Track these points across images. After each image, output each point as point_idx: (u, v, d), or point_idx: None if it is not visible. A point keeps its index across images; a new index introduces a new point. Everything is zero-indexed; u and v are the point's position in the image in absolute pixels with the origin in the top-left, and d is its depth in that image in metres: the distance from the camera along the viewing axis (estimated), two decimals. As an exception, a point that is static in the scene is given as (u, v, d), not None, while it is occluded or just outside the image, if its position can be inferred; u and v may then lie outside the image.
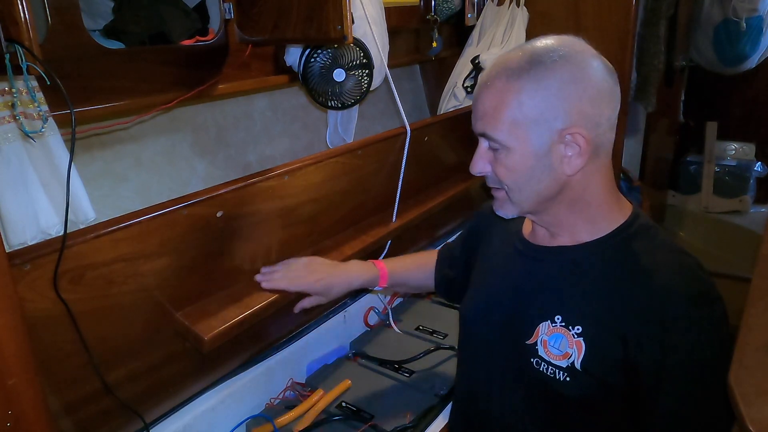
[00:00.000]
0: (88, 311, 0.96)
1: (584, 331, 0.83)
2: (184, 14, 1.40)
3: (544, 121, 0.80)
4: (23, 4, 0.84)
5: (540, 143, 0.81)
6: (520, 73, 0.80)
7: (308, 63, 1.49)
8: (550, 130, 0.80)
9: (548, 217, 0.90)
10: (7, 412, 0.67)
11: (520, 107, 0.80)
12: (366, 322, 1.74)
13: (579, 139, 0.80)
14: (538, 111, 0.79)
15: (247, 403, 1.38)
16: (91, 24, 1.30)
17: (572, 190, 0.85)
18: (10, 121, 0.93)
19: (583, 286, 0.86)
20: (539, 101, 0.79)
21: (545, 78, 0.79)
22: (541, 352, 0.87)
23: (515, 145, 0.81)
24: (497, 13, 2.16)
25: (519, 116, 0.80)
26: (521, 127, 0.80)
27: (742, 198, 3.24)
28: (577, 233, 0.89)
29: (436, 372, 1.48)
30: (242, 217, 1.22)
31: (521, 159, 0.82)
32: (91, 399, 1.03)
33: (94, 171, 1.37)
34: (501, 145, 0.83)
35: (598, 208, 0.87)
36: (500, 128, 0.81)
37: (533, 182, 0.84)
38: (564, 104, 0.79)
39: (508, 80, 0.80)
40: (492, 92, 0.82)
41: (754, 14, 2.82)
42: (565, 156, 0.82)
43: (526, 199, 0.86)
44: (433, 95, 2.43)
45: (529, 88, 0.79)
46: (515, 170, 0.83)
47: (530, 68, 0.79)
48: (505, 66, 0.82)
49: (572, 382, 0.83)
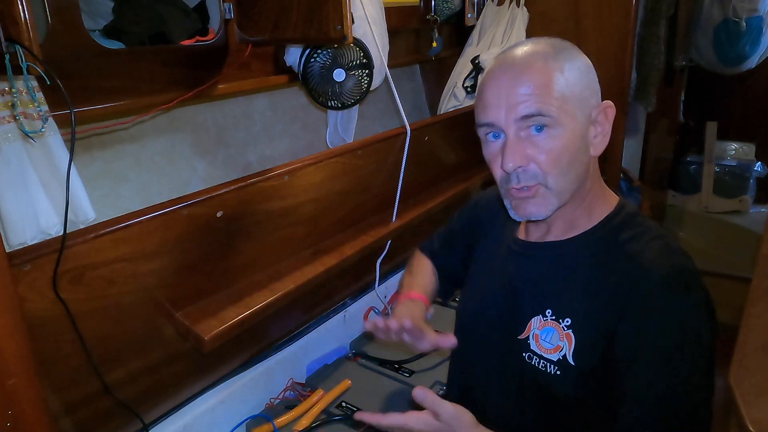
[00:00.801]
0: (87, 311, 0.96)
1: (573, 323, 0.84)
2: (184, 14, 1.40)
3: (585, 97, 0.83)
4: (23, 4, 0.84)
5: (583, 120, 0.83)
6: (555, 54, 0.82)
7: (308, 63, 1.49)
8: (589, 106, 0.83)
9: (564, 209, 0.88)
10: (7, 412, 0.67)
11: (566, 82, 0.81)
12: (366, 322, 1.74)
13: (610, 113, 0.84)
14: (579, 87, 0.82)
15: (247, 403, 1.38)
16: (91, 24, 1.30)
17: (589, 179, 0.88)
18: (10, 121, 0.93)
19: (571, 279, 0.87)
20: (579, 78, 0.82)
21: (575, 58, 0.83)
22: (533, 347, 0.88)
23: (566, 122, 0.81)
24: (497, 13, 2.16)
25: (567, 91, 0.81)
26: (569, 102, 0.81)
27: (742, 198, 3.24)
28: (572, 226, 0.90)
29: (436, 372, 1.48)
30: (242, 217, 1.22)
31: (571, 137, 0.81)
32: (90, 399, 1.03)
33: (94, 171, 1.37)
34: (554, 122, 0.80)
35: (591, 197, 0.89)
36: (553, 104, 0.80)
37: (576, 164, 0.83)
38: (593, 83, 0.84)
39: (547, 60, 0.81)
40: (534, 71, 0.80)
41: (754, 14, 2.82)
42: (596, 135, 0.85)
43: (568, 186, 0.84)
44: (433, 95, 2.42)
45: (568, 66, 0.82)
46: (565, 150, 0.81)
47: (559, 51, 0.83)
48: (535, 51, 0.83)
49: (563, 375, 0.84)
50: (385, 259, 1.73)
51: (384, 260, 1.73)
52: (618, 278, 0.82)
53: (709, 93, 3.28)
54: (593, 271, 0.85)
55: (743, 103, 3.25)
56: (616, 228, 0.87)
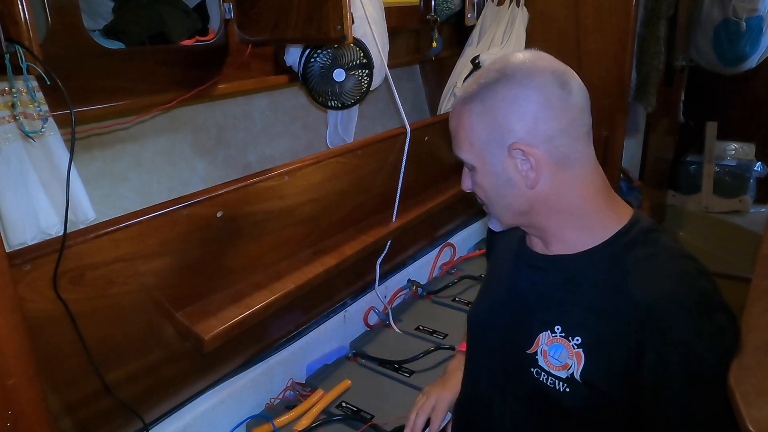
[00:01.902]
0: (87, 311, 0.96)
1: (583, 342, 0.82)
2: (184, 14, 1.40)
3: (493, 139, 0.83)
4: (23, 4, 0.84)
5: (495, 161, 0.85)
6: (471, 96, 0.85)
7: (308, 63, 1.49)
8: (500, 147, 0.83)
9: (534, 228, 0.91)
10: (7, 412, 0.67)
11: (471, 129, 0.85)
12: (366, 322, 1.74)
13: (527, 154, 0.82)
14: (486, 131, 0.84)
15: (247, 403, 1.38)
16: (91, 24, 1.30)
17: (545, 203, 0.86)
18: (10, 121, 0.93)
19: (581, 297, 0.85)
20: (486, 121, 0.83)
21: (488, 99, 0.83)
22: (541, 362, 0.86)
23: (477, 165, 0.87)
24: (497, 13, 2.16)
25: (472, 137, 0.85)
26: (476, 147, 0.85)
27: (742, 198, 3.23)
28: (570, 242, 0.88)
29: (436, 372, 1.48)
30: (242, 217, 1.22)
31: (484, 177, 0.87)
32: (90, 399, 1.03)
33: (94, 171, 1.37)
34: (469, 163, 0.88)
35: (585, 217, 0.86)
36: (463, 149, 0.87)
37: (501, 198, 0.88)
38: (508, 122, 0.82)
39: (462, 104, 0.86)
40: (453, 116, 0.88)
41: (754, 14, 2.81)
42: (522, 170, 0.84)
43: (501, 214, 0.91)
44: (433, 95, 2.43)
45: (477, 110, 0.84)
46: (484, 188, 0.89)
47: (479, 91, 0.84)
48: (464, 90, 0.87)
49: (572, 393, 0.82)
50: (385, 259, 1.73)
51: (384, 260, 1.73)
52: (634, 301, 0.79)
53: (709, 93, 3.27)
54: (604, 290, 0.83)
55: (743, 103, 3.24)
56: (628, 245, 0.84)
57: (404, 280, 1.92)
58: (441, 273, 2.05)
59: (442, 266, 2.08)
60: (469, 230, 2.27)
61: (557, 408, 0.85)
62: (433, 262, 2.06)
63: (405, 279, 1.92)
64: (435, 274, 2.06)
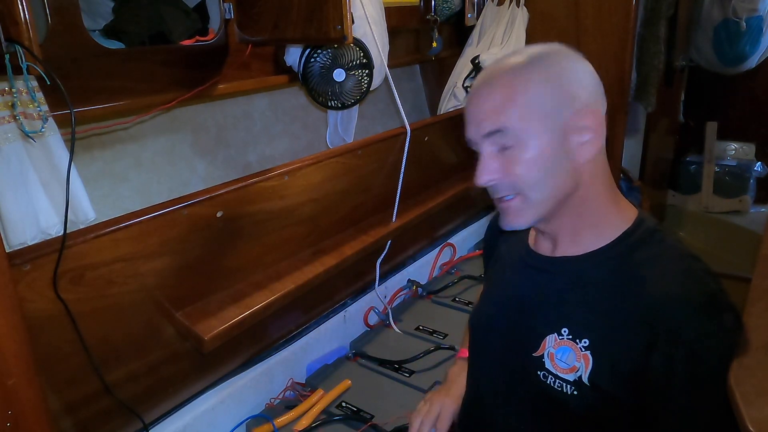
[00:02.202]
0: (87, 311, 0.96)
1: (591, 344, 0.81)
2: (184, 14, 1.40)
3: (553, 110, 0.80)
4: (23, 4, 0.84)
5: (555, 131, 0.81)
6: (523, 67, 0.82)
7: (308, 63, 1.49)
8: (560, 117, 0.81)
9: (556, 222, 0.88)
10: (7, 412, 0.67)
11: (529, 99, 0.80)
12: (366, 322, 1.74)
13: (590, 119, 0.81)
14: (546, 101, 0.80)
15: (247, 403, 1.38)
16: (91, 24, 1.30)
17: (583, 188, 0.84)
18: (10, 121, 0.93)
19: (588, 299, 0.84)
20: (546, 91, 0.80)
21: (554, 65, 0.82)
22: (548, 365, 0.85)
23: (528, 138, 0.80)
24: (497, 13, 2.16)
25: (531, 105, 0.80)
26: (532, 119, 0.80)
27: (742, 198, 3.23)
28: (580, 241, 0.87)
29: (436, 372, 1.48)
30: (242, 217, 1.22)
31: (538, 152, 0.81)
32: (90, 399, 1.03)
33: (94, 171, 1.37)
34: (517, 139, 0.81)
35: (602, 213, 0.86)
36: (513, 120, 0.80)
37: (551, 176, 0.82)
38: (575, 88, 0.81)
39: (514, 75, 0.81)
40: (498, 88, 0.82)
41: (754, 14, 2.81)
42: (582, 142, 0.82)
43: (544, 199, 0.84)
44: (433, 95, 2.43)
45: (536, 81, 0.80)
46: (535, 164, 0.81)
47: (531, 62, 0.82)
48: (504, 65, 0.83)
49: (579, 395, 0.82)
50: (385, 259, 1.73)
51: (384, 260, 1.73)
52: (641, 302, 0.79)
53: (709, 93, 3.27)
54: (611, 292, 0.82)
55: (743, 103, 3.24)
56: (634, 245, 0.84)
57: (404, 280, 1.91)
58: (441, 273, 2.05)
59: (442, 266, 2.08)
60: (469, 230, 2.27)
61: (564, 411, 0.84)
62: (433, 262, 2.06)
63: (405, 279, 1.92)
64: (435, 274, 2.06)
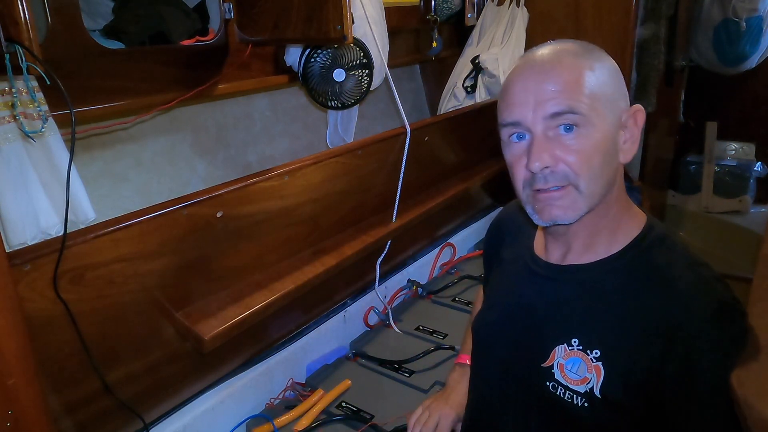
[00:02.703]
0: (87, 311, 0.96)
1: (603, 355, 0.79)
2: (184, 14, 1.40)
3: (615, 99, 0.79)
4: (23, 4, 0.84)
5: (613, 122, 0.79)
6: (584, 53, 0.80)
7: (308, 63, 1.49)
8: (618, 108, 0.80)
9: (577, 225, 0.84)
10: (7, 412, 0.67)
11: (597, 81, 0.78)
12: (366, 322, 1.74)
13: (639, 118, 0.81)
14: (610, 87, 0.79)
15: (247, 403, 1.38)
16: (91, 24, 1.30)
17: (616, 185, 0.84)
18: (10, 121, 0.93)
19: (599, 308, 0.82)
20: (609, 78, 0.80)
21: (604, 59, 0.81)
22: (557, 376, 0.83)
23: (597, 121, 0.77)
24: (497, 13, 2.16)
25: (597, 90, 0.77)
26: (600, 102, 0.77)
27: (742, 198, 3.23)
28: (593, 248, 0.85)
29: (436, 372, 1.48)
30: (242, 217, 1.22)
31: (602, 138, 0.78)
32: (90, 399, 1.03)
33: (94, 171, 1.37)
34: (585, 120, 0.76)
35: (618, 218, 0.85)
36: (584, 101, 0.76)
37: (607, 168, 0.79)
38: (621, 86, 0.81)
39: (577, 58, 0.79)
40: (565, 68, 0.77)
41: (754, 14, 2.82)
42: (626, 140, 0.81)
43: (599, 191, 0.80)
44: (433, 95, 2.43)
45: (598, 65, 0.79)
46: (596, 152, 0.77)
47: (588, 50, 0.80)
48: (563, 49, 0.81)
49: (591, 407, 0.80)
50: (385, 259, 1.73)
51: (384, 260, 1.73)
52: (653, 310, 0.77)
53: (709, 93, 3.27)
54: (623, 300, 0.80)
55: (743, 103, 3.25)
56: (645, 252, 0.82)
57: (404, 280, 1.91)
58: (441, 273, 2.05)
59: (442, 266, 2.08)
60: (469, 230, 2.27)
61: (574, 422, 0.82)
62: (433, 262, 2.06)
63: (405, 279, 1.92)
64: (435, 274, 2.06)
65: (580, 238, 0.86)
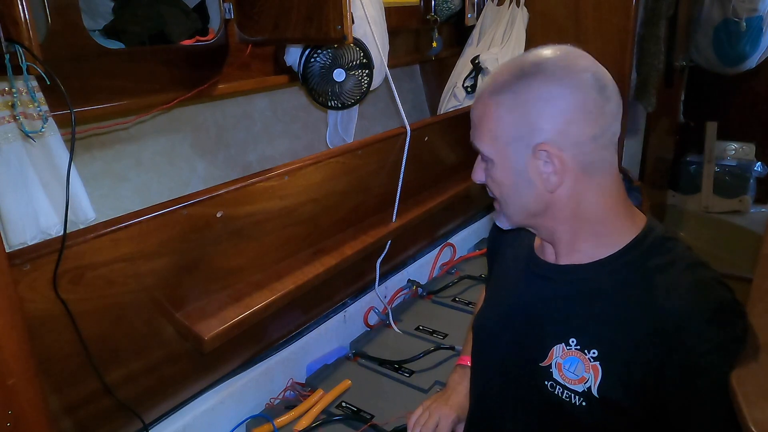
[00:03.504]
0: (87, 311, 0.96)
1: (600, 355, 0.80)
2: (184, 14, 1.40)
3: (521, 137, 0.80)
4: (23, 4, 0.84)
5: (518, 158, 0.81)
6: (503, 87, 0.81)
7: (308, 63, 1.49)
8: (526, 146, 0.80)
9: (545, 232, 0.88)
10: (7, 412, 0.67)
11: (498, 121, 0.81)
12: (366, 322, 1.74)
13: (554, 158, 0.79)
14: (514, 126, 0.80)
15: (247, 403, 1.38)
16: (91, 24, 1.30)
17: (562, 207, 0.83)
18: (10, 121, 0.93)
19: (596, 308, 0.82)
20: (516, 117, 0.79)
21: (523, 93, 0.79)
22: (555, 375, 0.84)
23: (498, 160, 0.83)
24: (497, 13, 2.16)
25: (497, 131, 0.81)
26: (500, 142, 0.81)
27: (742, 198, 3.23)
28: (583, 251, 0.85)
29: (436, 372, 1.48)
30: (242, 217, 1.22)
31: (503, 173, 0.83)
32: (90, 399, 1.03)
33: (94, 171, 1.37)
34: (486, 157, 0.84)
35: (599, 226, 0.84)
36: (484, 141, 0.83)
37: (518, 197, 0.84)
38: (539, 121, 0.78)
39: (491, 95, 0.82)
40: (479, 105, 0.84)
41: (754, 14, 2.82)
42: (543, 173, 0.80)
43: (514, 213, 0.87)
44: (433, 95, 2.43)
45: (509, 103, 0.80)
46: (500, 183, 0.85)
47: (513, 82, 0.80)
48: (494, 79, 0.83)
49: (588, 407, 0.80)
50: (385, 259, 1.73)
51: (384, 260, 1.73)
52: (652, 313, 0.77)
53: (709, 93, 3.27)
54: (621, 301, 0.80)
55: (743, 103, 3.25)
56: (644, 254, 0.82)
57: (404, 280, 1.91)
58: (441, 273, 2.05)
59: (442, 266, 2.08)
60: (469, 230, 2.27)
61: (571, 421, 0.83)
62: (433, 262, 2.06)
63: (405, 279, 1.92)
64: (435, 274, 2.06)
65: (560, 243, 0.87)
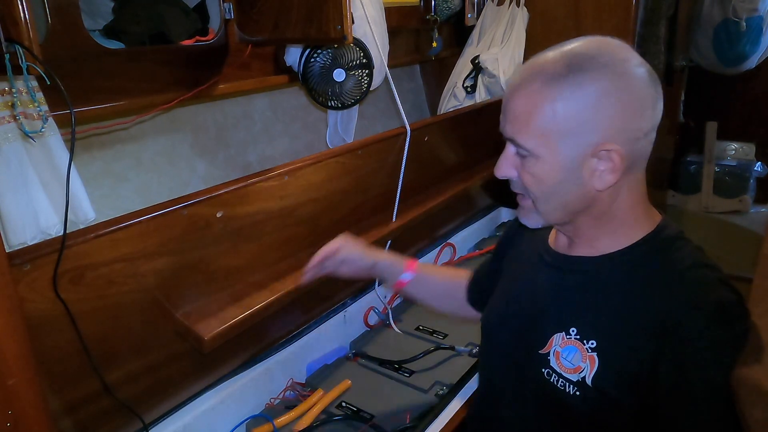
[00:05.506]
0: (87, 311, 0.96)
1: (598, 345, 0.80)
2: (184, 14, 1.40)
3: (578, 133, 0.75)
4: (23, 4, 0.84)
5: (571, 156, 0.76)
6: (557, 78, 0.74)
7: (308, 63, 1.49)
8: (583, 143, 0.75)
9: (572, 228, 0.87)
10: (7, 412, 0.67)
11: (554, 116, 0.74)
12: (366, 322, 1.74)
13: (614, 155, 0.75)
14: (572, 122, 0.74)
15: (247, 403, 1.38)
16: (91, 24, 1.30)
17: (600, 204, 0.81)
18: (10, 121, 0.93)
19: (600, 300, 0.83)
20: (575, 112, 0.74)
21: (584, 87, 0.74)
22: (552, 363, 0.85)
23: (545, 155, 0.77)
24: (497, 13, 2.16)
25: (552, 125, 0.75)
26: (553, 137, 0.75)
27: (742, 198, 3.23)
28: (597, 244, 0.86)
29: (436, 372, 1.48)
30: (242, 217, 1.22)
31: (550, 170, 0.78)
32: (90, 399, 1.03)
33: (94, 171, 1.37)
34: (530, 153, 0.78)
35: (623, 222, 0.84)
36: (530, 136, 0.77)
37: (560, 194, 0.80)
38: (601, 117, 0.74)
39: (544, 85, 0.75)
40: (525, 96, 0.77)
41: (754, 14, 2.82)
42: (596, 170, 0.77)
43: (552, 211, 0.83)
44: (433, 95, 2.42)
45: (566, 96, 0.74)
46: (543, 181, 0.79)
47: (568, 74, 0.74)
48: (542, 69, 0.76)
49: (582, 396, 0.81)
50: (385, 259, 1.73)
51: (384, 260, 1.72)
52: (652, 309, 0.77)
53: (709, 93, 3.27)
54: (624, 295, 0.81)
55: (743, 103, 3.24)
56: (652, 251, 0.82)
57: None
58: (441, 273, 2.05)
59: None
60: (469, 230, 2.27)
61: (565, 410, 0.84)
62: (433, 262, 2.05)
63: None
64: (435, 274, 2.06)
65: (580, 237, 0.87)
